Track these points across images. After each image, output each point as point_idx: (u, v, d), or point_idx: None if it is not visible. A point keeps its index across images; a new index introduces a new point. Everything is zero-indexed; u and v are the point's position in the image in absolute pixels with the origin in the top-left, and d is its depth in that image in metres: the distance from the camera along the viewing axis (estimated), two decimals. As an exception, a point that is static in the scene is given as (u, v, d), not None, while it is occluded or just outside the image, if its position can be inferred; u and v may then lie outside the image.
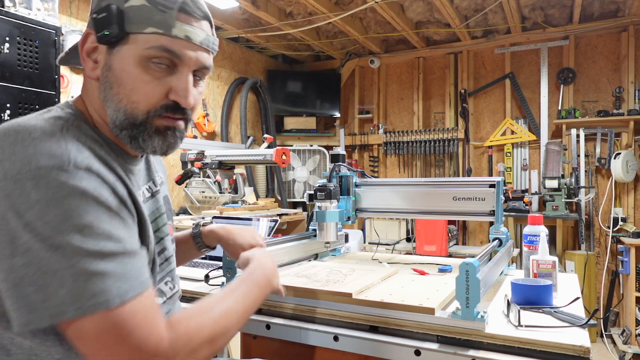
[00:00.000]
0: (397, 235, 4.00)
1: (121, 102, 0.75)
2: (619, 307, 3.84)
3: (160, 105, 0.76)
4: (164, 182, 1.02)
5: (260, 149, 2.84)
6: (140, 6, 0.74)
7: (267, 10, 3.66)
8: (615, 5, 3.76)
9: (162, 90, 0.76)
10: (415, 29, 4.19)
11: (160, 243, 0.91)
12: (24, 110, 2.14)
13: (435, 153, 4.57)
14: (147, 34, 0.73)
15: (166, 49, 0.74)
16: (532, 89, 4.25)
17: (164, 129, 0.78)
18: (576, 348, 0.85)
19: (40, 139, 0.67)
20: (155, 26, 0.73)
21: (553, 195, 3.79)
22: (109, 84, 0.76)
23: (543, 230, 1.29)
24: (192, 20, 0.76)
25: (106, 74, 0.76)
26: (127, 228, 0.70)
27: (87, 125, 0.77)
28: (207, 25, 0.80)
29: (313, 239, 1.56)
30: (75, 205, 0.64)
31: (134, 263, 0.68)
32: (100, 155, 0.72)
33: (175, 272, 0.96)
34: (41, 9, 2.29)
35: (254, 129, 4.82)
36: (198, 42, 0.77)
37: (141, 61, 0.74)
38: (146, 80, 0.75)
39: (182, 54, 0.75)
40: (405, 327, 0.99)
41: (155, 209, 0.92)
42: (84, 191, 0.65)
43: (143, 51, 0.74)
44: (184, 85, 0.77)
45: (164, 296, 0.90)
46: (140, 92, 0.75)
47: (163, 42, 0.74)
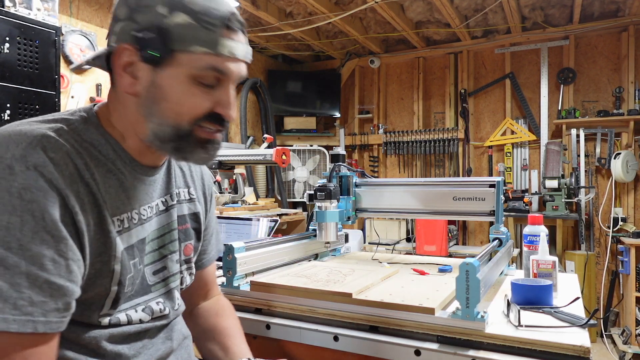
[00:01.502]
0: (397, 235, 4.00)
1: (169, 117, 0.75)
2: (619, 307, 3.84)
3: (205, 117, 0.77)
4: (197, 200, 0.99)
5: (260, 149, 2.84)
6: (186, 24, 0.72)
7: (267, 10, 3.66)
8: (615, 5, 3.76)
9: (209, 103, 0.76)
10: (415, 29, 4.19)
11: (161, 261, 0.88)
12: (24, 110, 2.14)
13: (435, 153, 4.57)
14: (194, 53, 0.73)
15: (216, 69, 0.74)
16: (532, 89, 4.25)
17: (205, 141, 0.79)
18: (576, 348, 0.85)
19: (15, 132, 0.67)
20: (202, 45, 0.72)
21: (553, 195, 3.79)
22: (155, 100, 0.76)
23: (543, 230, 1.29)
24: (234, 34, 0.76)
25: (152, 91, 0.75)
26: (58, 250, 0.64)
27: (95, 130, 0.77)
28: (243, 36, 0.79)
29: (313, 239, 1.56)
30: (5, 201, 0.62)
31: (39, 295, 0.61)
32: (85, 161, 0.72)
33: (173, 294, 0.92)
34: (41, 9, 2.29)
35: (254, 129, 4.82)
36: (241, 56, 0.77)
37: (190, 78, 0.74)
38: (195, 93, 0.75)
39: (228, 70, 0.76)
40: (405, 327, 0.99)
41: (165, 223, 0.89)
42: (22, 190, 0.63)
43: (192, 71, 0.73)
44: (228, 99, 0.78)
45: (151, 315, 0.85)
46: (187, 104, 0.75)
47: (211, 62, 0.74)
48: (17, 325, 0.59)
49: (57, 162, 0.67)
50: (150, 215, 0.85)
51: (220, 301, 1.10)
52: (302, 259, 1.52)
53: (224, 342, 0.98)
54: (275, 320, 1.12)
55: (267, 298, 1.17)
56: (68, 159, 0.69)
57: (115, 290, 0.76)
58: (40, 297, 0.62)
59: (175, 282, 0.92)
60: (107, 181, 0.76)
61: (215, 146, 0.81)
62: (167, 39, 0.72)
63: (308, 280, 1.20)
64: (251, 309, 1.18)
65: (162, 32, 0.72)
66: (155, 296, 0.87)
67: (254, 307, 1.18)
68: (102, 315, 0.76)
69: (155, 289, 0.87)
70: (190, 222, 0.96)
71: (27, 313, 0.60)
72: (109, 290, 0.75)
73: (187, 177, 0.99)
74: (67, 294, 0.65)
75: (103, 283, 0.74)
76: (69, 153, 0.70)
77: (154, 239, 0.86)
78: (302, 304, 1.12)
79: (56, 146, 0.69)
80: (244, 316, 1.15)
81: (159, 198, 0.88)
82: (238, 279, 1.23)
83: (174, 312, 0.92)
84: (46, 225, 0.63)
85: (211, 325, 1.02)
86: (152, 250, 0.86)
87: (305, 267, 1.37)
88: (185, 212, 0.95)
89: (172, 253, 0.91)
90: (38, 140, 0.67)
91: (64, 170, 0.68)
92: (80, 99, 3.02)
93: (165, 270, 0.89)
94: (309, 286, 1.13)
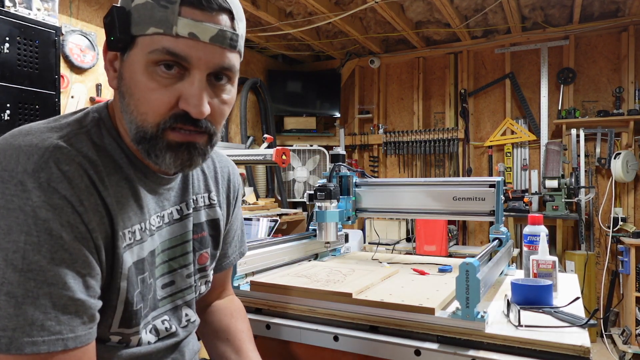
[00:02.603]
0: (397, 235, 4.00)
1: (132, 114, 0.68)
2: (619, 307, 3.84)
3: (170, 116, 0.67)
4: (219, 204, 0.92)
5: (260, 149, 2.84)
6: (144, 4, 0.65)
7: (267, 10, 3.66)
8: (615, 5, 3.76)
9: (170, 98, 0.67)
10: (415, 29, 4.19)
11: (170, 275, 0.83)
12: (24, 110, 2.14)
13: (435, 153, 4.57)
14: (149, 35, 0.65)
15: (169, 52, 0.64)
16: (532, 89, 4.25)
17: (176, 144, 0.69)
18: (576, 348, 0.85)
19: (25, 143, 0.63)
20: (156, 25, 0.64)
21: (553, 195, 3.79)
22: (122, 94, 0.69)
23: (543, 230, 1.29)
24: (199, 14, 0.65)
25: (120, 84, 0.70)
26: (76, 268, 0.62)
27: (108, 133, 0.72)
28: (226, 18, 0.68)
29: (313, 239, 1.56)
30: (20, 222, 0.59)
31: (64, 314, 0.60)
32: (98, 170, 0.67)
33: (180, 312, 0.86)
34: (41, 9, 2.29)
35: (254, 129, 4.82)
36: (207, 39, 0.65)
37: (147, 67, 0.66)
38: (152, 87, 0.66)
39: (188, 55, 0.65)
40: (405, 327, 0.99)
41: (178, 234, 0.83)
42: (36, 209, 0.60)
43: (146, 56, 0.65)
44: (194, 91, 0.66)
45: (157, 335, 0.80)
46: (147, 101, 0.66)
47: (165, 43, 0.64)
48: (47, 346, 0.59)
49: (70, 175, 0.63)
50: (160, 225, 0.79)
51: (235, 302, 1.06)
52: (302, 259, 1.52)
53: (238, 346, 0.96)
54: (275, 320, 1.12)
55: (267, 298, 1.17)
56: (82, 171, 0.65)
57: (121, 309, 0.71)
58: (66, 316, 0.61)
59: (183, 299, 0.86)
60: (120, 190, 0.71)
61: (191, 151, 0.70)
62: (128, 23, 0.66)
63: (308, 280, 1.20)
64: (251, 309, 1.18)
65: (122, 16, 0.66)
66: (160, 313, 0.82)
67: (254, 307, 1.18)
68: (112, 333, 0.73)
69: (162, 304, 0.82)
70: (208, 230, 0.90)
71: (55, 332, 0.59)
72: (114, 307, 0.70)
73: (209, 180, 0.92)
74: (90, 307, 0.64)
75: (110, 298, 0.70)
76: (82, 164, 0.65)
77: (164, 250, 0.81)
78: (302, 304, 1.12)
79: (69, 158, 0.64)
80: (244, 316, 1.15)
81: (173, 206, 0.82)
82: (238, 279, 1.23)
83: (183, 330, 0.86)
84: (64, 244, 0.61)
85: (225, 325, 0.99)
86: (162, 263, 0.81)
87: (305, 267, 1.37)
88: (202, 220, 0.89)
89: (182, 267, 0.84)
90: (50, 153, 0.63)
91: (79, 183, 0.64)
92: (80, 99, 3.02)
93: (172, 286, 0.83)
94: (309, 286, 1.13)
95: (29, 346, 0.58)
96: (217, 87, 0.70)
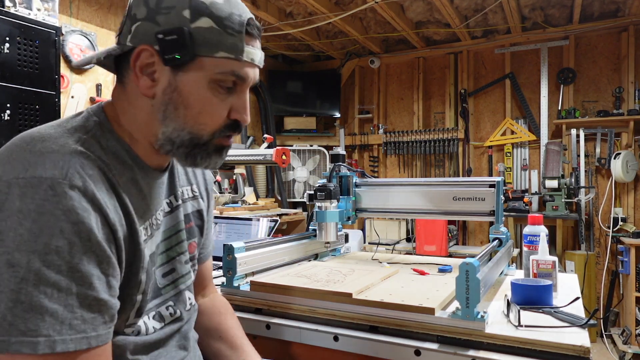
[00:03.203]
0: (397, 235, 4.00)
1: (187, 124, 0.75)
2: (619, 307, 3.84)
3: (224, 126, 0.77)
4: (199, 196, 0.99)
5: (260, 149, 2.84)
6: (209, 28, 0.71)
7: (267, 10, 3.66)
8: (615, 5, 3.76)
9: (225, 111, 0.76)
10: (415, 29, 4.19)
11: (169, 263, 0.88)
12: (24, 110, 2.14)
13: (435, 153, 4.57)
14: (218, 58, 0.72)
15: (236, 75, 0.74)
16: (532, 89, 4.25)
17: (221, 148, 0.79)
18: (576, 348, 0.85)
19: (47, 150, 0.66)
20: (226, 51, 0.72)
21: (553, 195, 3.79)
22: (174, 105, 0.74)
23: (543, 230, 1.29)
24: (253, 40, 0.76)
25: (170, 95, 0.74)
26: (101, 269, 0.65)
27: (111, 135, 0.76)
28: (259, 42, 0.79)
29: (313, 239, 1.56)
30: (52, 224, 0.61)
31: (89, 312, 0.63)
32: (113, 173, 0.71)
33: (184, 295, 0.91)
34: (41, 9, 2.29)
35: (254, 129, 4.82)
36: (258, 62, 0.77)
37: (210, 83, 0.74)
38: (214, 102, 0.75)
39: (246, 76, 0.76)
40: (405, 327, 0.99)
41: (172, 225, 0.89)
42: (67, 212, 0.62)
43: (214, 75, 0.73)
44: (244, 104, 0.78)
45: (163, 321, 0.85)
46: (208, 114, 0.75)
47: (234, 67, 0.74)
48: (74, 344, 0.61)
49: (95, 179, 0.67)
50: (161, 218, 0.85)
51: (219, 299, 1.10)
52: (302, 259, 1.52)
53: (233, 341, 1.00)
54: (275, 320, 1.12)
55: (267, 298, 1.17)
56: (102, 175, 0.70)
57: (139, 300, 0.76)
58: (90, 315, 0.63)
59: (185, 283, 0.91)
60: (130, 189, 0.75)
61: (228, 150, 0.82)
62: (191, 43, 0.71)
63: (308, 280, 1.20)
64: (251, 309, 1.18)
65: (185, 35, 0.71)
66: (164, 300, 0.86)
67: (254, 307, 1.18)
68: (128, 325, 0.77)
69: (165, 291, 0.86)
70: (195, 220, 0.96)
71: (81, 331, 0.62)
72: (134, 300, 0.75)
73: (189, 175, 0.98)
74: (111, 307, 0.67)
75: (130, 294, 0.74)
76: (101, 168, 0.70)
77: (162, 240, 0.86)
78: (302, 304, 1.12)
79: (91, 162, 0.69)
80: (244, 316, 1.15)
81: (165, 199, 0.88)
82: (238, 279, 1.23)
83: (187, 313, 0.91)
84: (92, 246, 0.64)
85: (215, 324, 1.02)
86: (161, 253, 0.86)
87: (305, 267, 1.37)
88: (189, 211, 0.95)
89: (180, 255, 0.90)
90: (75, 159, 0.67)
91: (102, 186, 0.68)
92: (80, 99, 3.02)
93: (174, 273, 0.89)
94: (309, 286, 1.13)
95: (59, 345, 0.60)
96: None
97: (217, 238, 1.81)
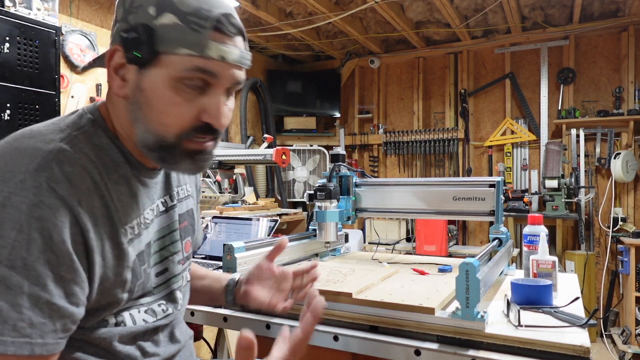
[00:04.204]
0: (397, 235, 4.00)
1: (151, 125, 0.72)
2: (618, 307, 3.84)
3: (192, 128, 0.73)
4: (191, 195, 0.99)
5: (260, 149, 2.84)
6: (172, 25, 0.69)
7: (267, 10, 3.66)
8: (615, 5, 3.76)
9: (193, 112, 0.72)
10: (415, 29, 4.19)
11: (162, 263, 0.87)
12: (24, 110, 2.14)
13: (435, 153, 4.57)
14: (179, 55, 0.70)
15: (200, 70, 0.70)
16: (532, 89, 4.25)
17: (193, 152, 0.75)
18: (576, 348, 0.85)
19: (30, 146, 0.66)
20: (188, 47, 0.69)
21: (553, 195, 3.79)
22: (139, 105, 0.73)
23: (543, 230, 1.29)
24: (225, 38, 0.71)
25: (136, 95, 0.73)
26: (61, 271, 0.62)
27: (104, 133, 0.76)
28: (241, 40, 0.75)
29: (313, 239, 1.56)
30: (13, 217, 0.60)
31: (39, 316, 0.60)
32: (100, 171, 0.70)
33: (175, 295, 0.90)
34: (41, 9, 2.29)
35: (254, 129, 4.82)
36: (233, 61, 0.72)
37: (173, 83, 0.71)
38: (177, 102, 0.71)
39: (217, 74, 0.72)
40: (405, 327, 0.99)
41: (166, 225, 0.88)
42: (32, 207, 0.61)
43: (175, 73, 0.70)
44: (216, 105, 0.73)
45: (155, 316, 0.84)
46: (171, 115, 0.72)
47: (197, 63, 0.70)
48: (15, 348, 0.58)
49: (72, 176, 0.66)
50: (152, 218, 0.84)
51: None
52: (302, 259, 1.52)
53: (211, 275, 1.11)
54: (275, 320, 1.12)
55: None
56: (85, 173, 0.68)
57: (125, 298, 0.75)
58: (39, 319, 0.60)
59: (178, 283, 0.91)
60: (119, 188, 0.74)
61: (205, 157, 0.77)
62: (153, 39, 0.69)
63: (308, 280, 1.19)
64: (251, 309, 1.18)
65: (148, 32, 0.69)
66: (156, 298, 0.85)
67: (254, 307, 1.18)
68: (112, 315, 0.76)
69: (158, 291, 0.86)
70: (188, 219, 0.97)
71: (25, 335, 0.59)
72: (120, 299, 0.74)
73: (182, 175, 0.98)
74: (65, 315, 0.63)
75: (115, 293, 0.73)
76: (85, 166, 0.68)
77: (155, 240, 0.86)
78: (302, 304, 1.11)
79: (72, 160, 0.67)
80: (244, 316, 1.15)
81: (159, 199, 0.87)
82: (238, 279, 1.23)
83: (178, 312, 0.92)
84: (53, 245, 0.61)
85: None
86: (154, 252, 0.85)
87: (305, 267, 1.37)
88: (183, 210, 0.95)
89: (173, 254, 0.89)
90: (54, 155, 0.66)
91: (80, 185, 0.67)
92: (80, 99, 3.02)
93: (167, 272, 0.88)
94: (309, 286, 1.13)
95: None
96: (226, 98, 0.77)
97: (217, 238, 1.81)
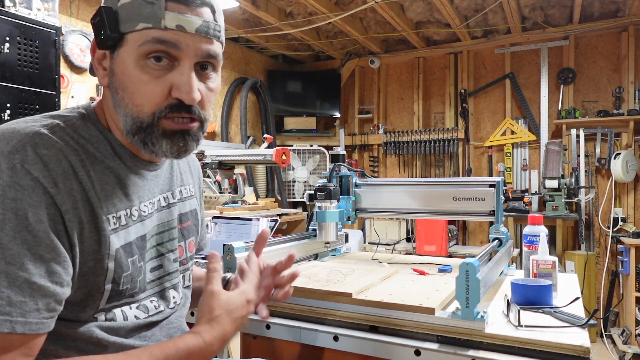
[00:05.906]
0: (397, 235, 4.00)
1: (127, 107, 0.73)
2: (618, 307, 3.84)
3: (165, 106, 0.72)
4: (194, 195, 0.98)
5: (260, 149, 2.84)
6: (130, 2, 0.70)
7: (267, 10, 3.66)
8: (615, 5, 3.76)
9: (164, 89, 0.72)
10: (415, 29, 4.19)
11: (158, 259, 0.86)
12: (24, 110, 2.14)
13: (435, 153, 4.57)
14: (138, 30, 0.70)
15: (158, 40, 0.69)
16: (532, 89, 4.25)
17: (171, 132, 0.74)
18: (576, 348, 0.85)
19: (9, 130, 0.67)
20: (144, 21, 0.69)
21: (553, 195, 3.79)
22: (115, 90, 0.74)
23: (543, 230, 1.29)
24: (184, 8, 0.71)
25: (112, 81, 0.74)
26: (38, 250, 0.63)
27: (94, 126, 0.76)
28: (208, 11, 0.74)
29: (313, 239, 1.56)
30: None
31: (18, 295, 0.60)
32: (81, 158, 0.71)
33: (167, 294, 0.89)
34: (41, 9, 2.29)
35: (254, 129, 4.82)
36: (193, 30, 0.71)
37: (138, 61, 0.71)
38: (145, 80, 0.71)
39: (177, 42, 0.70)
40: (405, 327, 0.99)
41: (166, 220, 0.88)
42: (6, 187, 0.62)
43: (137, 49, 0.70)
44: (186, 79, 0.72)
45: (147, 312, 0.83)
46: (141, 94, 0.71)
47: (154, 34, 0.69)
48: None
49: (47, 159, 0.66)
50: (152, 212, 0.84)
51: None
52: (302, 259, 1.52)
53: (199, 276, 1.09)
54: (275, 320, 1.12)
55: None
56: (61, 156, 0.68)
57: (109, 289, 0.74)
58: (19, 297, 0.60)
59: (171, 282, 0.90)
60: (104, 178, 0.74)
61: (186, 137, 0.75)
62: (116, 21, 0.71)
63: (308, 280, 1.20)
64: (251, 309, 1.18)
65: (110, 15, 0.71)
66: (149, 294, 0.85)
67: (254, 307, 1.18)
68: (98, 311, 0.75)
69: (151, 286, 0.85)
70: (192, 219, 0.96)
71: (4, 313, 0.59)
72: (102, 288, 0.73)
73: (187, 173, 0.98)
74: (47, 294, 0.63)
75: (97, 281, 0.72)
76: (62, 150, 0.69)
77: (153, 234, 0.85)
78: (302, 304, 1.12)
79: (48, 143, 0.67)
80: (244, 316, 1.15)
81: (161, 194, 0.87)
82: (238, 279, 1.23)
83: (170, 310, 0.90)
84: (29, 225, 0.62)
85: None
86: (151, 247, 0.85)
87: (305, 267, 1.37)
88: (187, 210, 0.95)
89: (169, 252, 0.89)
90: (29, 138, 0.66)
91: (55, 167, 0.67)
92: (80, 99, 3.02)
93: (161, 269, 0.87)
94: (309, 286, 1.13)
95: None
96: (203, 76, 0.76)
97: (217, 238, 1.81)
